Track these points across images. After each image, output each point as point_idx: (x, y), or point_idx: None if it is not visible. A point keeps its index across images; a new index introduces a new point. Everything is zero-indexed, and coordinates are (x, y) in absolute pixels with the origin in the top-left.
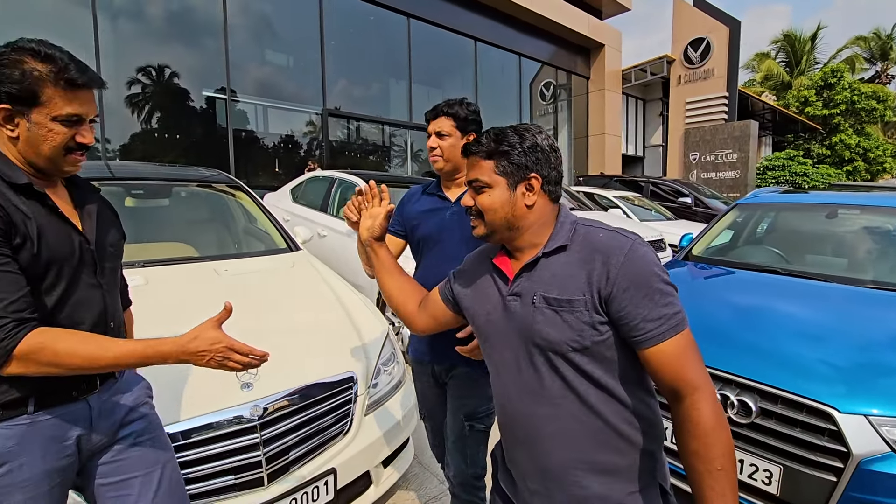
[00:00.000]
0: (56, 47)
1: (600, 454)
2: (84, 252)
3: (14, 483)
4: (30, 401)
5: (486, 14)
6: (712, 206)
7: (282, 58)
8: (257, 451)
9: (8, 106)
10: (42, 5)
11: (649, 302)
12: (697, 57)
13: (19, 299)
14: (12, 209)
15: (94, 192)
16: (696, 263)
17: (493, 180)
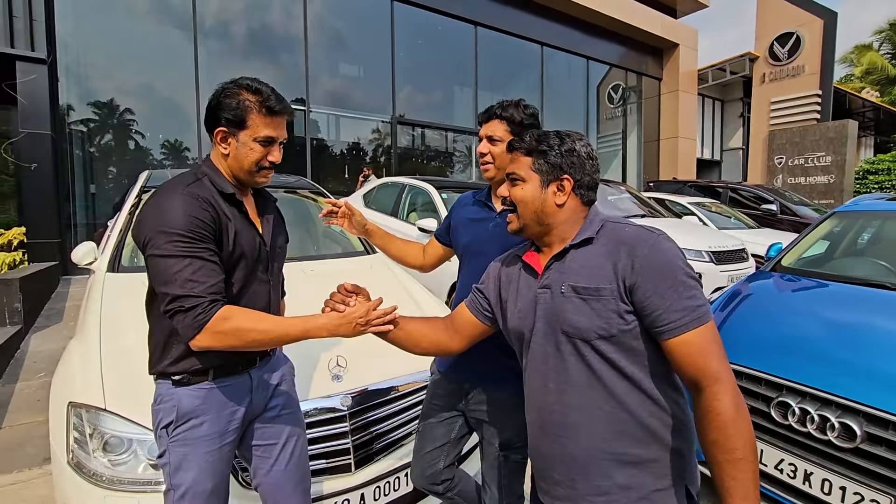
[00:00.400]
0: (263, 83)
1: (624, 446)
2: (261, 252)
3: (200, 436)
4: (209, 371)
5: (553, 18)
6: (801, 213)
7: (355, 69)
8: (346, 439)
9: (225, 129)
10: (153, 33)
11: (673, 293)
12: (785, 53)
13: (215, 284)
14: (221, 213)
15: (272, 202)
16: (784, 275)
17: (527, 175)
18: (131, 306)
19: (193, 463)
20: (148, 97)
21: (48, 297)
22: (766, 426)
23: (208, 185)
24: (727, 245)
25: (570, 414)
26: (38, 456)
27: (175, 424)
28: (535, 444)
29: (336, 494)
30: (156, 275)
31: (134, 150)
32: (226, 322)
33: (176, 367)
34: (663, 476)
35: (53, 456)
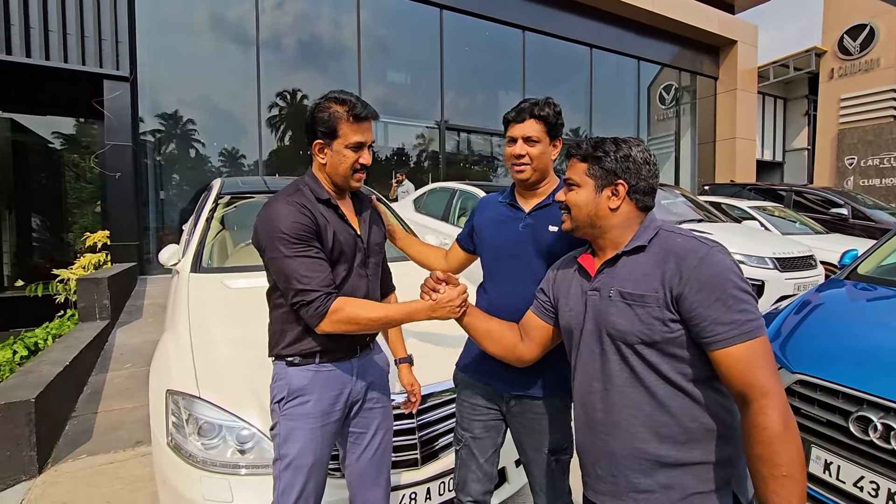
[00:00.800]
0: (349, 93)
1: (665, 448)
2: (359, 249)
3: (305, 413)
4: (316, 355)
5: (602, 19)
6: (875, 218)
7: (404, 77)
8: (413, 435)
9: (321, 141)
10: (217, 48)
11: (721, 306)
12: (857, 46)
13: (326, 277)
14: (319, 217)
15: (369, 203)
16: (861, 283)
17: (582, 181)
18: (214, 303)
19: (299, 437)
20: (212, 108)
21: (129, 295)
22: (843, 441)
23: (307, 193)
24: (793, 251)
25: (613, 413)
26: (130, 439)
27: (286, 400)
28: (580, 439)
29: (405, 487)
30: (277, 274)
31: (196, 158)
32: (341, 311)
33: (289, 349)
34: (707, 480)
35: (154, 438)
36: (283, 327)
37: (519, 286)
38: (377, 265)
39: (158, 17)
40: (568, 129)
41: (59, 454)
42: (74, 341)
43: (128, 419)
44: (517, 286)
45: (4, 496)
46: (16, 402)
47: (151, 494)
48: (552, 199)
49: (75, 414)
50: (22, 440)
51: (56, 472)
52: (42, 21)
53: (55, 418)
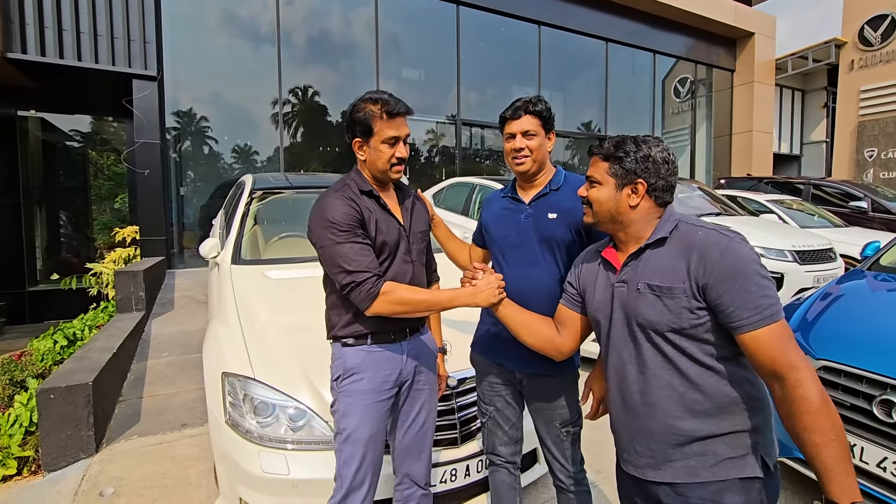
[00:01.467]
0: (382, 92)
1: (698, 422)
2: (402, 237)
3: (360, 389)
4: (368, 336)
5: (617, 13)
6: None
7: (421, 73)
8: (453, 415)
9: (360, 139)
10: (240, 47)
11: (744, 294)
12: (878, 37)
13: (372, 261)
14: (364, 208)
15: (412, 193)
16: (884, 274)
17: (604, 179)
18: (258, 292)
19: (356, 411)
20: (233, 106)
21: (159, 287)
22: (868, 424)
23: (353, 186)
24: (812, 244)
25: (648, 394)
26: (176, 422)
27: (342, 378)
28: (617, 418)
29: (445, 464)
30: (328, 260)
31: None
32: (392, 294)
33: (344, 331)
34: (737, 447)
35: (211, 416)
36: (337, 311)
37: (525, 271)
38: (421, 252)
39: (183, 17)
40: (581, 123)
41: (112, 435)
42: (116, 331)
43: (172, 404)
44: (524, 271)
45: (67, 472)
46: (76, 384)
47: (200, 472)
48: (549, 189)
49: (122, 398)
50: (81, 421)
51: (111, 451)
52: (74, 23)
53: (107, 401)
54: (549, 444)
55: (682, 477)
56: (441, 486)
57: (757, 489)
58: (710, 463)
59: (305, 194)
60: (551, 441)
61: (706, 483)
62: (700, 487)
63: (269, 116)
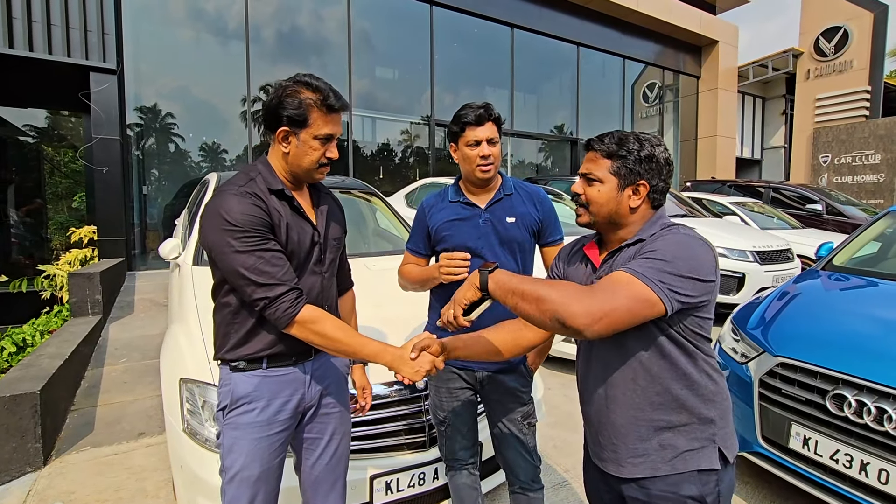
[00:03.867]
0: (320, 80)
1: (659, 414)
2: (315, 244)
3: (249, 422)
4: (263, 359)
5: (589, 18)
6: (848, 213)
7: (394, 73)
8: (421, 417)
9: (287, 128)
10: (206, 42)
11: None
12: (832, 48)
13: (288, 272)
14: (272, 209)
15: (328, 195)
16: (836, 273)
17: (605, 177)
18: None
19: (243, 447)
20: (199, 102)
21: (118, 290)
22: (821, 418)
23: (260, 183)
24: (772, 245)
25: (612, 388)
26: (133, 431)
27: (229, 408)
28: (585, 410)
29: (414, 467)
30: (230, 273)
31: (183, 152)
32: (319, 324)
33: (233, 353)
34: (695, 439)
35: (168, 425)
36: (227, 329)
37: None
38: (334, 262)
39: (147, 10)
40: (553, 126)
41: (63, 447)
42: (70, 336)
43: (129, 412)
44: None
45: (11, 487)
46: (21, 394)
47: (158, 483)
48: (503, 194)
49: (74, 407)
50: (27, 432)
51: (61, 464)
52: (26, 12)
53: (57, 411)
54: (512, 441)
55: (644, 472)
56: (409, 490)
57: (714, 481)
58: (670, 456)
59: None
60: (514, 437)
61: (665, 476)
62: (660, 480)
63: (238, 114)
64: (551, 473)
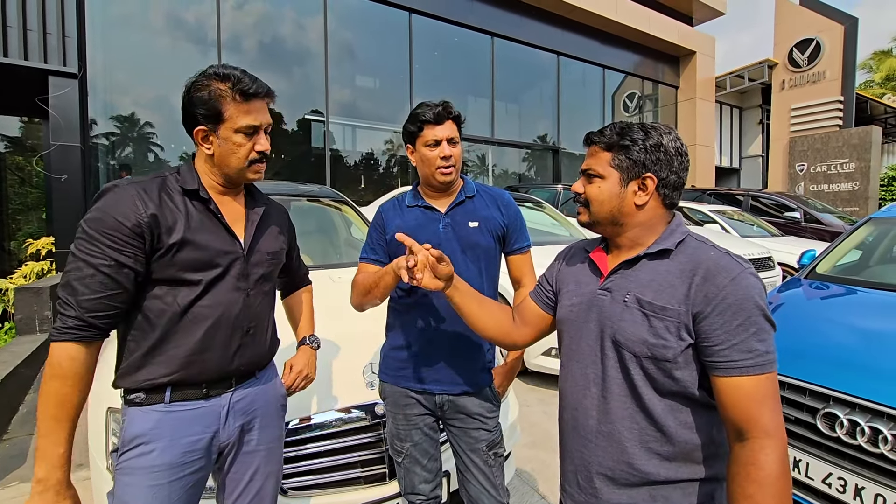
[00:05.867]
0: (232, 67)
1: (654, 464)
2: (235, 257)
3: (146, 466)
4: (167, 389)
5: (569, 28)
6: (825, 221)
7: (373, 81)
8: (381, 447)
9: (204, 127)
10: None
11: (743, 332)
12: (805, 59)
13: (96, 300)
14: (165, 210)
15: (263, 203)
16: (820, 282)
17: (606, 172)
18: None
19: (138, 496)
20: (169, 110)
21: None
22: (812, 438)
23: (171, 181)
24: (752, 253)
25: (607, 422)
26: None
27: (121, 450)
28: (566, 442)
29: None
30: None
31: (153, 162)
32: (53, 369)
33: (129, 379)
34: (691, 494)
35: (92, 462)
36: (120, 350)
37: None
38: (265, 279)
39: (115, 15)
40: (535, 136)
41: None
42: (9, 357)
43: (77, 440)
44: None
45: None
46: None
47: None
48: (464, 196)
49: (7, 437)
50: None
51: None
52: None
53: None
54: (475, 473)
55: None
56: None
57: None
58: None
59: None
60: (478, 469)
61: None
62: None
63: None
64: (530, 499)
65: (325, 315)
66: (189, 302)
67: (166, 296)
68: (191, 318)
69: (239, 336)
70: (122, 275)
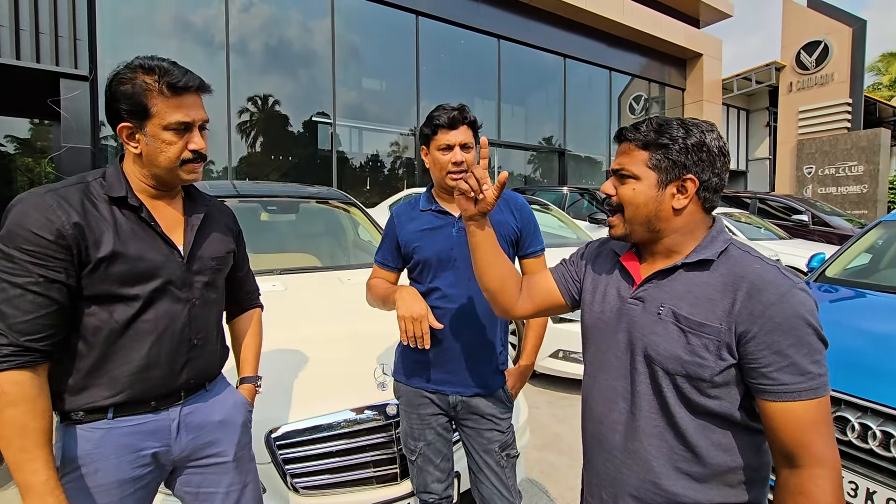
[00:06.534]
0: (161, 59)
1: (682, 485)
2: (173, 266)
3: (86, 487)
4: (109, 408)
5: (575, 30)
6: (833, 223)
7: (380, 83)
8: (392, 448)
9: (129, 123)
10: (186, 50)
11: (795, 353)
12: (813, 62)
13: (29, 322)
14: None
15: (204, 204)
16: (830, 286)
17: (642, 172)
18: None
19: None
20: None
21: None
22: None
23: (95, 187)
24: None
25: (635, 439)
26: None
27: (63, 472)
28: (590, 456)
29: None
30: None
31: None
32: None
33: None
34: None
35: None
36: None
37: (465, 288)
38: (210, 286)
39: (125, 18)
40: (541, 138)
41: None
42: None
43: None
44: (464, 288)
45: None
46: None
47: None
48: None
49: None
50: None
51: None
52: None
53: None
54: (488, 474)
55: None
56: None
57: None
58: None
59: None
60: (491, 471)
61: None
62: None
63: (220, 125)
64: (538, 502)
65: (334, 316)
66: (128, 318)
67: (101, 313)
68: (131, 335)
69: (185, 350)
70: (53, 290)
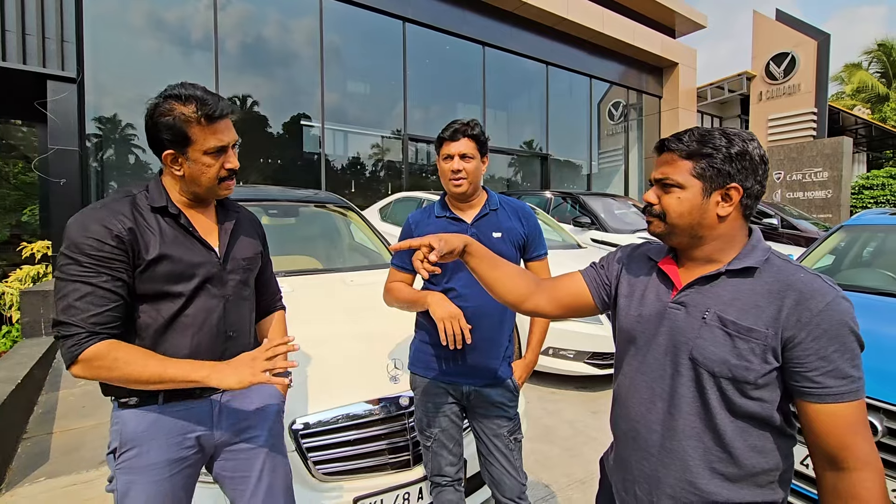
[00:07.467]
0: (193, 86)
1: (716, 484)
2: (211, 266)
3: (146, 465)
4: (160, 395)
5: (557, 38)
6: (801, 227)
7: (368, 87)
8: (406, 436)
9: (172, 151)
10: (174, 52)
11: (839, 358)
12: (781, 72)
13: (101, 314)
14: (140, 229)
15: (235, 212)
16: None
17: (686, 181)
18: None
19: (141, 492)
20: None
21: None
22: None
23: (141, 200)
24: None
25: (673, 439)
26: (93, 459)
27: (119, 451)
28: (624, 454)
29: (399, 488)
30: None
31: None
32: (103, 360)
33: (119, 390)
34: None
35: None
36: None
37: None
38: (243, 284)
39: (113, 20)
40: (523, 142)
41: (14, 479)
42: (22, 358)
43: (88, 439)
44: (475, 287)
45: None
46: None
47: None
48: (489, 209)
49: (27, 436)
50: None
51: (12, 497)
52: None
53: (8, 440)
54: (498, 457)
55: None
56: None
57: None
58: None
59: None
60: (500, 453)
61: None
62: None
63: None
64: (534, 488)
65: (343, 316)
66: (172, 314)
67: (150, 311)
68: (176, 329)
69: (222, 341)
70: (118, 287)
